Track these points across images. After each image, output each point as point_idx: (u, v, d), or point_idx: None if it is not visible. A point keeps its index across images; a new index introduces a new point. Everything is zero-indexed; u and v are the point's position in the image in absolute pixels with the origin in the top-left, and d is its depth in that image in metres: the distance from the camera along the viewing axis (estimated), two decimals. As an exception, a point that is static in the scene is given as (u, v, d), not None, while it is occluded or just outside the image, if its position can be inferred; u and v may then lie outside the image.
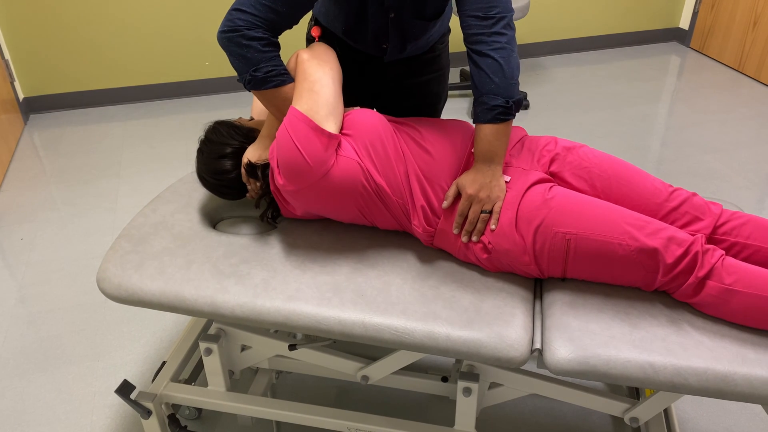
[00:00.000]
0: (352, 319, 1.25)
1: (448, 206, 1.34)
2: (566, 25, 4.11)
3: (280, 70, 1.34)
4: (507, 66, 1.30)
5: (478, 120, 1.34)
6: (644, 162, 2.94)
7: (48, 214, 2.67)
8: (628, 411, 1.37)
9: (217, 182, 1.45)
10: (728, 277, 1.19)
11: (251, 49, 1.31)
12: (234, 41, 1.31)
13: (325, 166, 1.28)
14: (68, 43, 3.39)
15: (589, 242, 1.24)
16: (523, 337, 1.21)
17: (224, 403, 1.53)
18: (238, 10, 1.30)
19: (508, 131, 1.33)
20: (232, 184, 1.45)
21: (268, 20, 1.31)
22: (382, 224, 1.42)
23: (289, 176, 1.28)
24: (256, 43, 1.31)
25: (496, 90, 1.30)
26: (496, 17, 1.30)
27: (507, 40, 1.31)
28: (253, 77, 1.33)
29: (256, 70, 1.32)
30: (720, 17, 3.96)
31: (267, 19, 1.31)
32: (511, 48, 1.32)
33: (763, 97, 3.55)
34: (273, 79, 1.33)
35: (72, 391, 1.85)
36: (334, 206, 1.35)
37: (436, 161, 1.37)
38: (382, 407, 1.78)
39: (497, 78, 1.30)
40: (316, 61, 1.35)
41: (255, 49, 1.31)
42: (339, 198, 1.32)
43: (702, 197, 1.36)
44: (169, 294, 1.33)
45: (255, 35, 1.30)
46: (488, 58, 1.31)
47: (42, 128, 3.39)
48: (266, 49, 1.32)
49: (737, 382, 1.13)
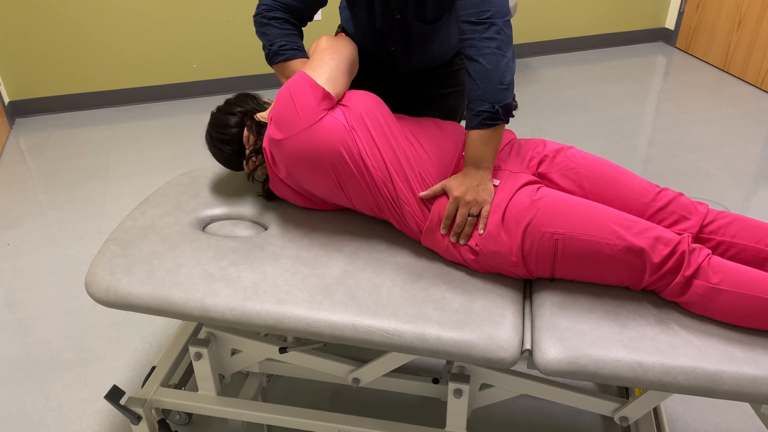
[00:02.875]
0: (343, 322, 1.25)
1: (426, 197, 1.36)
2: (554, 26, 4.13)
3: (293, 45, 1.49)
4: (495, 71, 1.29)
5: (467, 126, 1.34)
6: (631, 161, 2.96)
7: (35, 219, 2.64)
8: (618, 410, 1.38)
9: (218, 136, 1.51)
10: (715, 276, 1.20)
11: (270, 26, 1.49)
12: (258, 22, 1.51)
13: (313, 117, 1.33)
14: (54, 47, 3.37)
15: (576, 242, 1.25)
16: (513, 338, 1.22)
17: (215, 407, 1.52)
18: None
19: (498, 136, 1.33)
20: (230, 140, 1.50)
21: (286, 5, 1.50)
22: (358, 202, 1.42)
23: (279, 123, 1.35)
24: (274, 22, 1.49)
25: (482, 96, 1.30)
26: (488, 22, 1.30)
27: (498, 45, 1.30)
28: (270, 51, 1.50)
29: (271, 45, 1.49)
30: (705, 17, 3.99)
31: (286, 3, 1.50)
32: (502, 52, 1.31)
33: (748, 97, 3.59)
34: (284, 52, 1.49)
35: (61, 398, 1.84)
36: (314, 167, 1.36)
37: (428, 155, 1.39)
38: (373, 410, 1.78)
39: (484, 83, 1.30)
40: (332, 43, 1.47)
41: (273, 26, 1.49)
42: (319, 158, 1.34)
43: (688, 197, 1.37)
44: (159, 298, 1.32)
45: (274, 15, 1.49)
46: (476, 63, 1.31)
47: (28, 132, 3.36)
48: (283, 27, 1.49)
49: (725, 381, 1.14)
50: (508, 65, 1.31)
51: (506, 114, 1.32)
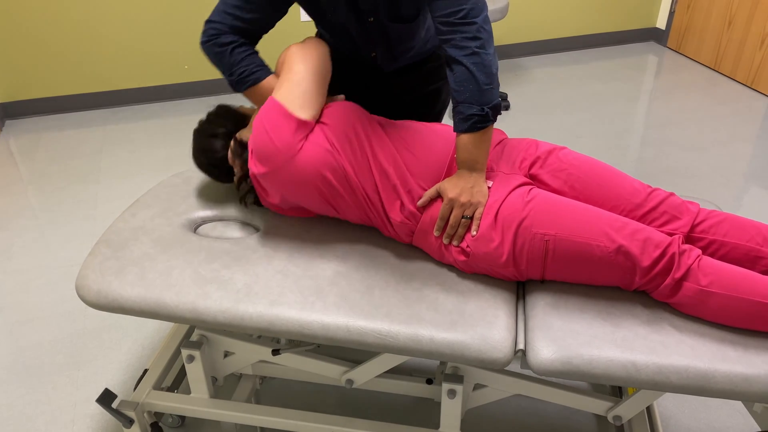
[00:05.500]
0: (336, 323, 1.25)
1: (423, 204, 1.34)
2: (545, 26, 4.14)
3: (252, 68, 1.41)
4: (480, 72, 1.27)
5: (456, 129, 1.32)
6: (623, 161, 2.97)
7: (25, 222, 2.63)
8: (612, 409, 1.39)
9: (206, 160, 1.50)
10: (704, 278, 1.20)
11: (224, 55, 1.40)
12: (209, 50, 1.42)
13: (292, 150, 1.31)
14: (44, 48, 3.35)
15: (567, 244, 1.25)
16: (506, 338, 1.22)
17: (208, 410, 1.52)
18: (209, 21, 1.41)
19: (488, 137, 1.32)
20: (219, 164, 1.49)
21: (235, 27, 1.40)
22: (352, 217, 1.42)
23: (260, 158, 1.33)
24: (226, 49, 1.40)
25: (470, 99, 1.28)
26: (466, 21, 1.26)
27: (479, 44, 1.27)
28: (231, 80, 1.43)
29: (230, 75, 1.42)
30: (696, 17, 4.01)
31: (233, 26, 1.40)
32: (485, 51, 1.28)
33: (738, 96, 3.60)
34: (246, 80, 1.42)
35: (52, 401, 1.83)
36: (302, 192, 1.36)
37: (419, 161, 1.37)
38: (367, 411, 1.78)
39: (471, 86, 1.27)
40: (301, 54, 1.39)
41: (226, 54, 1.40)
42: (305, 184, 1.34)
43: (679, 197, 1.38)
44: (150, 300, 1.31)
45: (225, 41, 1.40)
46: (460, 65, 1.28)
47: (18, 134, 3.34)
48: (236, 52, 1.40)
49: (718, 380, 1.14)
50: (492, 63, 1.29)
51: (495, 114, 1.30)
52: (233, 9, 1.39)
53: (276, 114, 1.32)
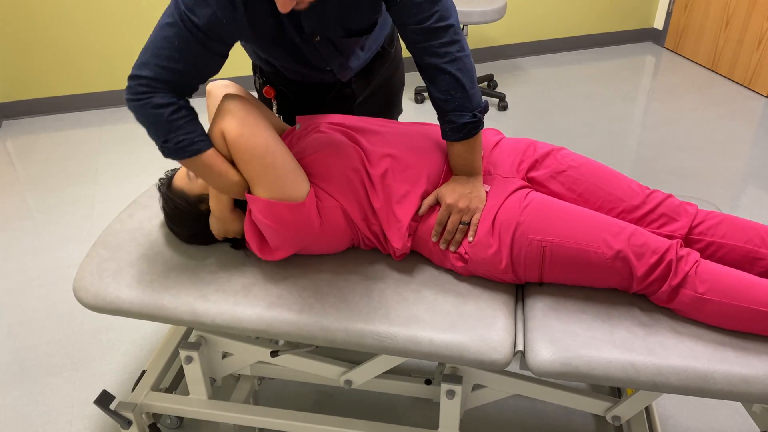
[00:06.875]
0: (335, 325, 1.25)
1: (423, 213, 1.33)
2: (543, 27, 4.14)
3: (193, 138, 1.20)
4: (465, 77, 1.24)
5: (449, 138, 1.30)
6: (621, 161, 2.97)
7: (22, 222, 2.62)
8: (610, 410, 1.38)
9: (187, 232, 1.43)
10: (701, 285, 1.20)
11: (159, 119, 1.18)
12: (140, 111, 1.18)
13: (315, 226, 1.29)
14: (41, 48, 3.34)
15: (564, 249, 1.25)
16: (505, 340, 1.22)
17: (206, 411, 1.51)
18: (138, 76, 1.18)
19: (480, 139, 1.32)
20: (203, 242, 1.44)
21: (169, 82, 1.18)
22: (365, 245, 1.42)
23: (290, 247, 1.30)
24: (163, 112, 1.17)
25: (460, 107, 1.25)
26: (440, 24, 1.20)
27: (458, 47, 1.22)
28: (165, 148, 1.21)
29: (165, 141, 1.20)
30: (693, 18, 4.02)
31: (168, 81, 1.18)
32: (465, 53, 1.23)
33: (735, 96, 3.61)
34: (185, 150, 1.20)
35: (50, 403, 1.82)
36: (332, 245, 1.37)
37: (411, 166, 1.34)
38: (366, 411, 1.78)
39: (459, 93, 1.24)
40: (248, 130, 1.21)
41: (163, 118, 1.18)
42: (336, 237, 1.34)
43: (677, 198, 1.37)
44: (148, 302, 1.31)
45: (160, 102, 1.17)
46: (443, 73, 1.23)
47: (15, 134, 3.33)
48: (175, 117, 1.19)
49: (717, 380, 1.14)
50: (472, 65, 1.26)
51: (484, 115, 1.29)
52: (167, 61, 1.17)
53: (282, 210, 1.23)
